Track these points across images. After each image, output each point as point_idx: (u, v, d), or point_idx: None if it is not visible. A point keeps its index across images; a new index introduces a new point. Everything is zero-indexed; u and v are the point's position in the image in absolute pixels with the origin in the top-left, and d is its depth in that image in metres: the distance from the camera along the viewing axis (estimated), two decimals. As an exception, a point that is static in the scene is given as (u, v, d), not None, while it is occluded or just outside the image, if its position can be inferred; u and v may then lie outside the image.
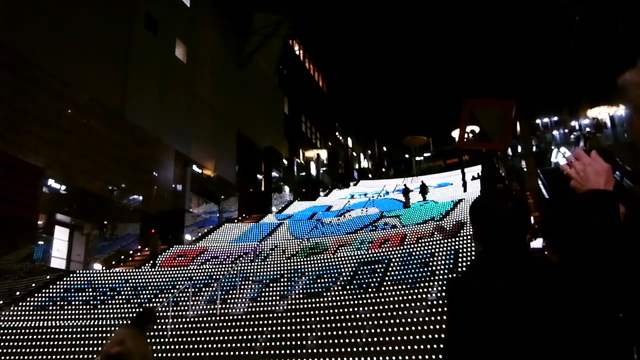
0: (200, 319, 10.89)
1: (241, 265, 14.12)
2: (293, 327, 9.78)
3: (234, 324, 10.27)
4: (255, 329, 9.90)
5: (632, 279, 1.06)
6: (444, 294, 10.11)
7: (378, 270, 12.06)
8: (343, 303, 10.67)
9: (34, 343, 10.31)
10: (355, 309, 10.01)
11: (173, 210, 21.66)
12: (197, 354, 9.44)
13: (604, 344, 1.27)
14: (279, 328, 9.82)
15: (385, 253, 13.18)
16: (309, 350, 8.93)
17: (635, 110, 1.04)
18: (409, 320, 9.18)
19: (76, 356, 9.78)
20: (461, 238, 12.92)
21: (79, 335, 10.47)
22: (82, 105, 18.25)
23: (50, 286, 13.55)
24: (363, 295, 10.95)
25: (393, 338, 8.69)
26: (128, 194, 20.34)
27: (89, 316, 11.84)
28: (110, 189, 19.27)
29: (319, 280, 12.30)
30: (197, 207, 25.72)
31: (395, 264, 12.23)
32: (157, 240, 16.69)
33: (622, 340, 1.30)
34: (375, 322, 9.26)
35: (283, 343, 9.30)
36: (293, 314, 10.45)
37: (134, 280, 13.77)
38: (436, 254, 12.13)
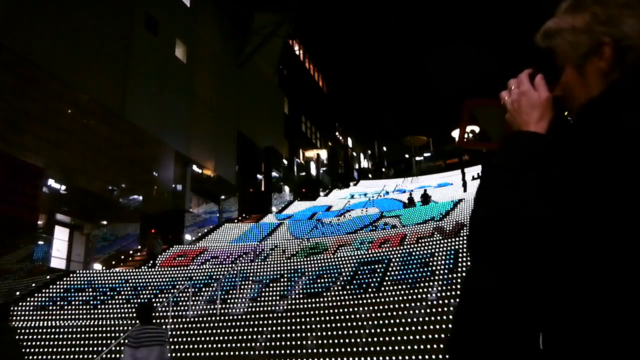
0: (200, 319, 10.89)
1: (241, 265, 14.12)
2: (293, 327, 9.78)
3: (234, 324, 10.27)
4: (255, 329, 9.90)
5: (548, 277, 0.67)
6: (444, 294, 10.12)
7: (378, 270, 12.06)
8: (343, 303, 10.67)
9: (34, 343, 10.32)
10: (355, 309, 10.01)
11: (173, 210, 21.66)
12: (197, 354, 9.44)
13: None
14: (279, 328, 9.82)
15: (385, 253, 13.18)
16: (309, 350, 8.93)
17: (565, 62, 0.81)
18: (409, 320, 9.18)
19: (76, 356, 9.79)
20: (461, 238, 12.92)
21: (79, 335, 10.46)
22: (82, 105, 18.25)
23: (50, 286, 13.55)
24: (363, 295, 10.95)
25: (393, 338, 8.69)
26: (128, 194, 20.34)
27: (89, 316, 11.84)
28: (110, 189, 19.28)
29: (319, 280, 12.30)
30: (197, 207, 25.72)
31: (395, 264, 12.23)
32: (153, 240, 16.71)
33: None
34: (375, 322, 9.26)
35: (283, 343, 9.30)
36: (293, 314, 10.44)
37: (134, 280, 13.77)
38: (436, 254, 12.13)
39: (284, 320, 10.13)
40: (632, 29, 0.74)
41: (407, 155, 55.73)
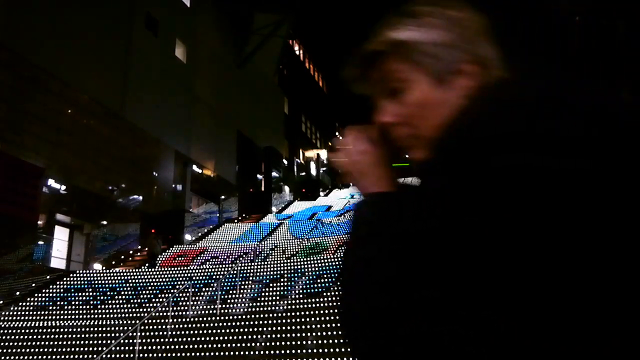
0: (200, 319, 10.90)
1: (241, 265, 14.12)
2: (293, 327, 9.78)
3: (234, 324, 10.27)
4: (255, 329, 9.90)
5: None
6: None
7: (378, 270, 12.05)
8: (343, 303, 10.66)
9: (34, 343, 10.32)
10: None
11: (173, 210, 21.67)
12: (197, 354, 9.45)
13: None
14: (279, 328, 9.83)
15: (385, 253, 13.16)
16: (309, 350, 8.93)
17: (428, 75, 0.73)
18: (409, 320, 9.16)
19: (76, 356, 9.79)
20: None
21: (79, 335, 10.47)
22: (82, 105, 18.25)
23: (50, 286, 13.55)
24: (363, 295, 10.93)
25: (393, 338, 8.68)
26: (128, 194, 20.34)
27: (89, 316, 11.84)
28: (110, 189, 19.28)
29: (319, 280, 12.30)
30: (197, 207, 25.72)
31: (395, 264, 12.22)
32: (153, 240, 16.70)
33: None
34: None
35: (283, 343, 9.30)
36: (293, 314, 10.45)
37: (134, 280, 13.78)
38: (436, 254, 12.12)
39: (284, 320, 10.14)
40: (488, 53, 0.75)
41: (407, 155, 55.81)
